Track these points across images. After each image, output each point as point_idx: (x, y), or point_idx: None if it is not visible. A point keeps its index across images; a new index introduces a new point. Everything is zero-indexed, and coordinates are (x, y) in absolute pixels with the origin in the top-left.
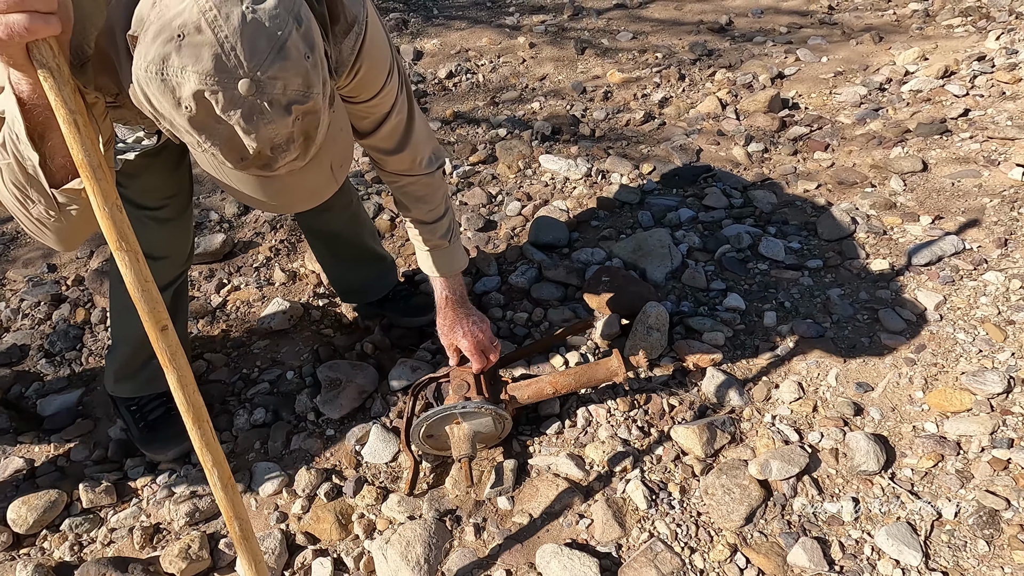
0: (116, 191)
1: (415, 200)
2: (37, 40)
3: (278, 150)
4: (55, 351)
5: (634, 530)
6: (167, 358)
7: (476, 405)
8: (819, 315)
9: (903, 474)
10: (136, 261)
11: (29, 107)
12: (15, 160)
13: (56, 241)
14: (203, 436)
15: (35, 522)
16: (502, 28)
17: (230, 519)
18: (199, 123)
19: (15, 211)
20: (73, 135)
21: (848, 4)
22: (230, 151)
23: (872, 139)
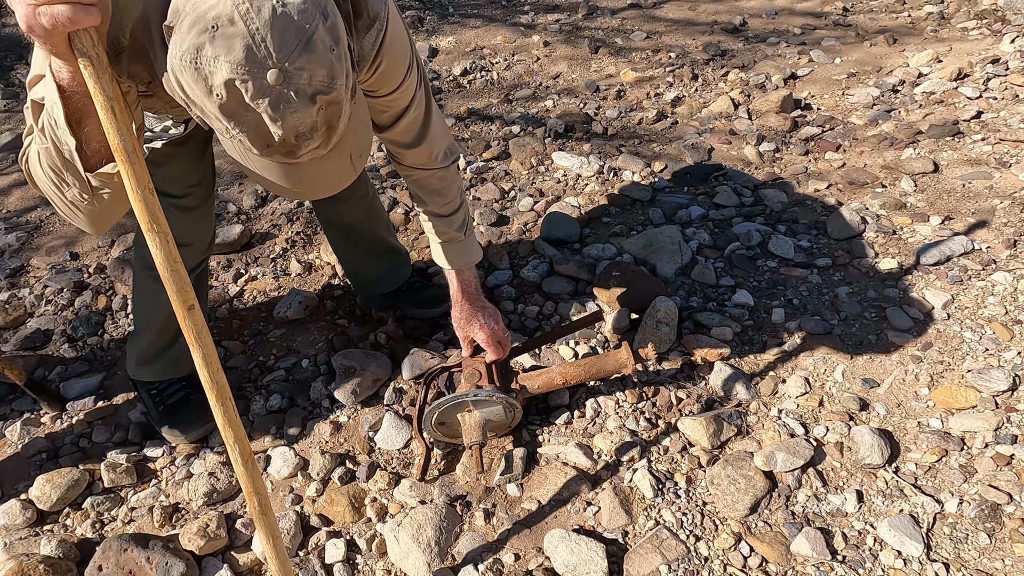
0: (148, 175)
1: (431, 193)
2: (78, 30)
3: (302, 138)
4: (77, 336)
5: (640, 518)
6: (193, 336)
7: (487, 393)
8: (827, 312)
9: (907, 468)
10: (166, 242)
11: (68, 94)
12: (53, 144)
13: (88, 224)
14: (226, 413)
15: (58, 500)
16: (517, 26)
17: (249, 494)
18: (229, 110)
19: (50, 194)
20: (110, 120)
21: (863, 6)
22: (257, 138)
23: (884, 140)
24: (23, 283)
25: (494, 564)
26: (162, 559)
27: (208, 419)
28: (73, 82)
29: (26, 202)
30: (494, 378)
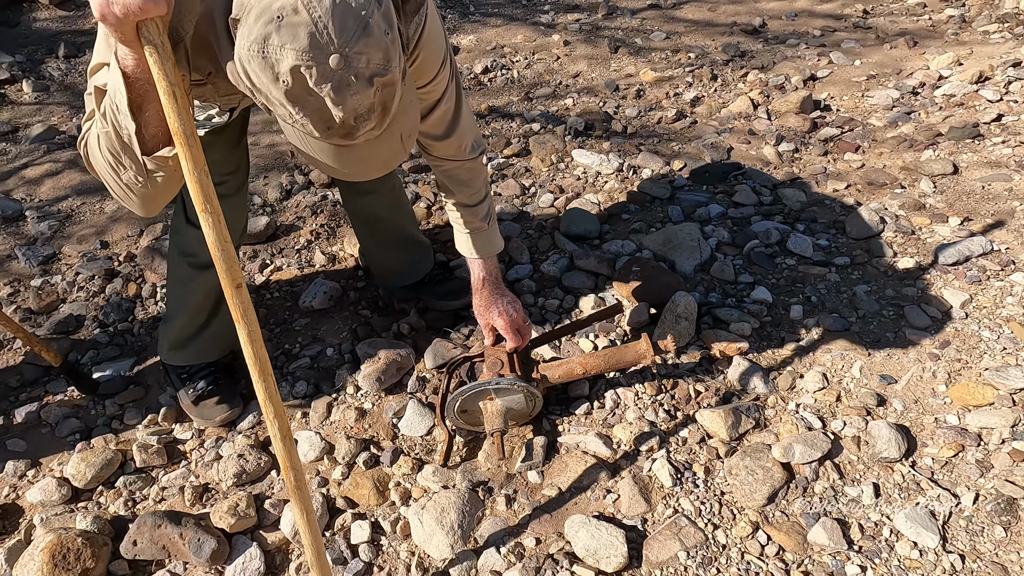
0: (204, 158)
1: (459, 184)
2: (146, 19)
3: (360, 119)
4: (109, 322)
5: (659, 506)
6: (240, 314)
7: (509, 382)
8: (845, 310)
9: (924, 463)
10: (218, 222)
11: (132, 80)
12: (113, 128)
13: (139, 205)
14: (267, 389)
15: (92, 478)
16: (537, 26)
17: (286, 469)
18: (294, 96)
19: (106, 176)
20: (171, 105)
21: (883, 8)
22: (319, 121)
23: (903, 142)
24: (55, 270)
25: (516, 547)
26: (194, 535)
27: (236, 404)
28: (137, 69)
29: (57, 191)
30: (515, 367)
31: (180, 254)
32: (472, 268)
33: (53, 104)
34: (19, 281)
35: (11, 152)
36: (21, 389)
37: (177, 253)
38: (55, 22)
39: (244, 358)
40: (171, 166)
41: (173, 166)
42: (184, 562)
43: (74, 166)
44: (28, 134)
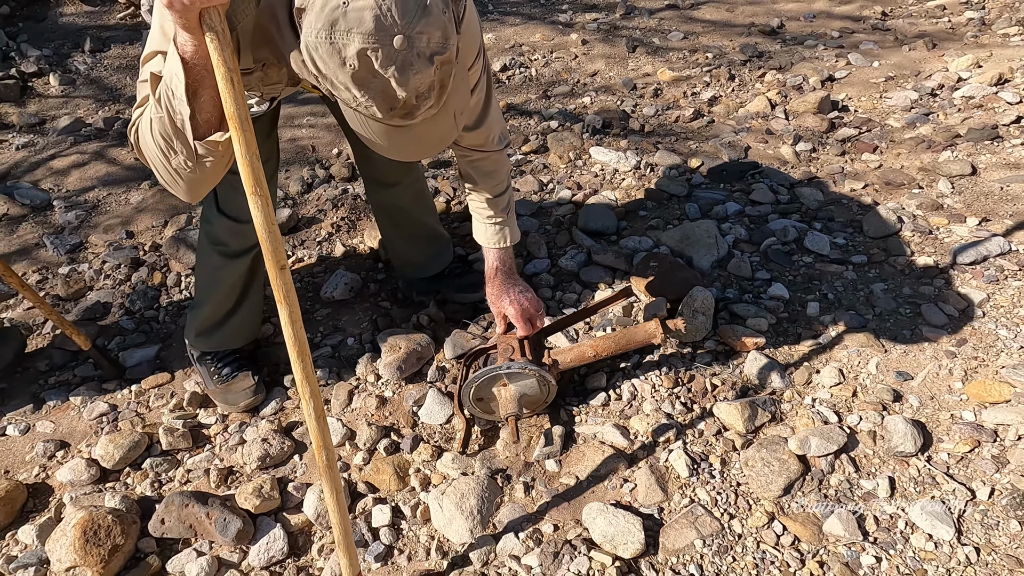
0: (256, 143)
1: (484, 175)
2: (209, 7)
3: (421, 98)
4: (135, 309)
5: (675, 495)
6: (282, 294)
7: (520, 366)
8: (862, 307)
9: (939, 457)
10: (267, 205)
11: (190, 66)
12: (167, 113)
13: (186, 190)
14: (304, 369)
15: (120, 459)
16: (555, 24)
17: (319, 448)
18: (360, 79)
19: (156, 161)
20: (229, 90)
21: (902, 11)
22: (382, 103)
23: (921, 143)
24: (82, 258)
25: (534, 533)
26: (220, 515)
27: (259, 390)
28: (196, 55)
29: (84, 182)
30: (527, 353)
31: (210, 242)
32: (487, 257)
33: (79, 97)
34: (47, 268)
35: (39, 143)
36: (50, 373)
37: (207, 241)
38: (81, 17)
39: (268, 346)
40: (220, 152)
41: (222, 152)
42: (210, 541)
43: (100, 158)
44: (55, 126)
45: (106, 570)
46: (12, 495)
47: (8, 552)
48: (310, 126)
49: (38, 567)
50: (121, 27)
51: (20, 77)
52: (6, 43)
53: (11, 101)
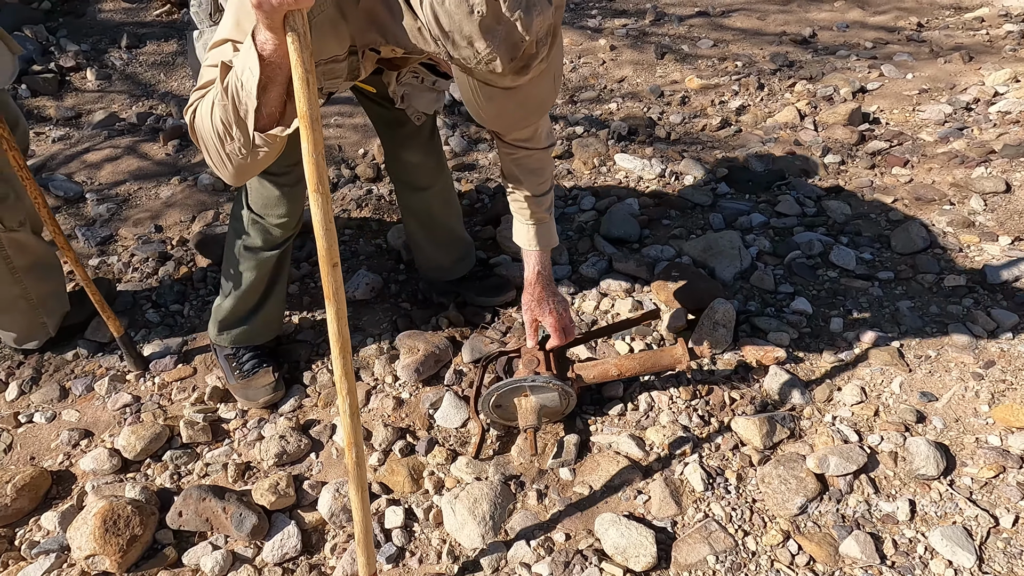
0: (323, 142)
1: (529, 173)
2: (294, 10)
3: (540, 44)
4: (161, 302)
5: (690, 509)
6: (331, 291)
7: (545, 380)
8: (887, 325)
9: (962, 482)
10: (327, 203)
11: (266, 63)
12: (232, 102)
13: (232, 175)
14: (344, 365)
15: (142, 450)
16: (584, 30)
17: (349, 445)
18: (486, 26)
19: (210, 143)
20: (304, 90)
21: (938, 22)
22: (506, 50)
23: (954, 158)
24: (112, 251)
25: (545, 541)
26: (236, 510)
27: (279, 387)
28: (275, 54)
29: (116, 176)
30: (551, 366)
31: (237, 239)
32: (528, 261)
33: (114, 92)
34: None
35: (74, 137)
36: (76, 363)
37: (234, 238)
38: (119, 13)
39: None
40: (275, 144)
41: (277, 145)
42: (226, 535)
43: (132, 152)
44: (90, 120)
45: (124, 560)
46: (37, 481)
47: (31, 537)
48: (337, 126)
49: (59, 553)
50: (157, 24)
51: (58, 71)
52: (46, 38)
53: (49, 95)
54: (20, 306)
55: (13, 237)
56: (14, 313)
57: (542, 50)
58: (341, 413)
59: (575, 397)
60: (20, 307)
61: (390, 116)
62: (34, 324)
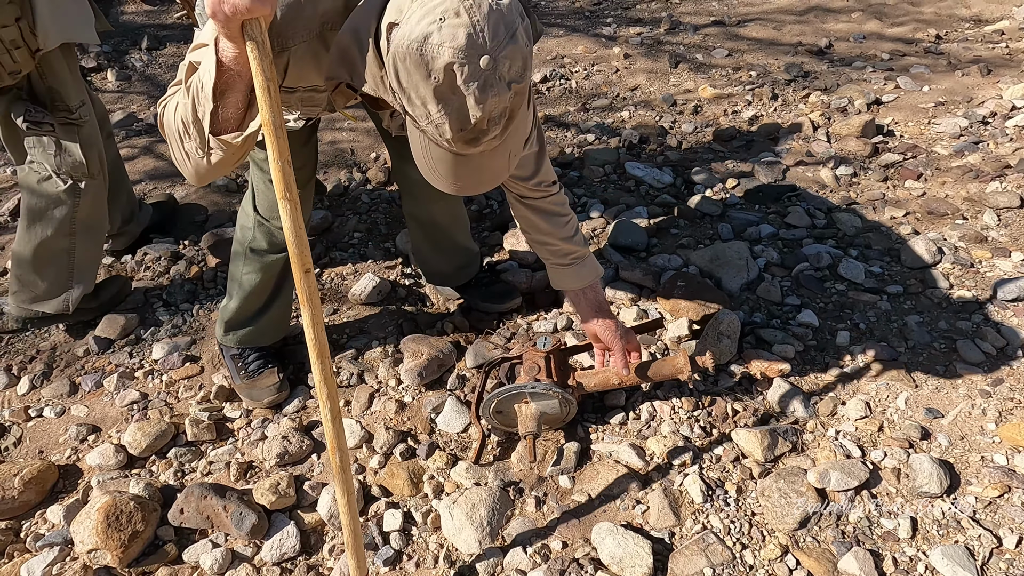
0: (288, 149)
1: (550, 216)
2: (251, 18)
3: (492, 123)
4: (171, 301)
5: (688, 521)
6: (306, 297)
7: (545, 387)
8: (894, 339)
9: (966, 500)
10: (295, 210)
11: (224, 69)
12: (192, 102)
13: (192, 174)
14: (323, 370)
15: (147, 447)
16: (598, 37)
17: (333, 450)
18: (440, 93)
19: (172, 139)
20: (265, 98)
21: (957, 35)
22: (455, 121)
23: (968, 172)
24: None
25: (542, 548)
26: (237, 509)
27: (283, 387)
28: (234, 61)
29: (132, 175)
30: (552, 372)
31: (245, 241)
32: (579, 299)
33: (134, 93)
34: None
35: None
36: (87, 358)
37: (242, 240)
38: (141, 16)
39: (294, 345)
40: (229, 150)
41: (232, 150)
42: (226, 533)
43: (149, 152)
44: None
45: (125, 555)
46: (44, 475)
47: (37, 530)
48: (350, 130)
49: (62, 547)
50: (178, 26)
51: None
52: None
53: None
54: (61, 261)
55: (91, 184)
56: (51, 267)
57: (493, 128)
58: (323, 418)
59: (575, 405)
60: (60, 262)
61: None
62: (62, 286)
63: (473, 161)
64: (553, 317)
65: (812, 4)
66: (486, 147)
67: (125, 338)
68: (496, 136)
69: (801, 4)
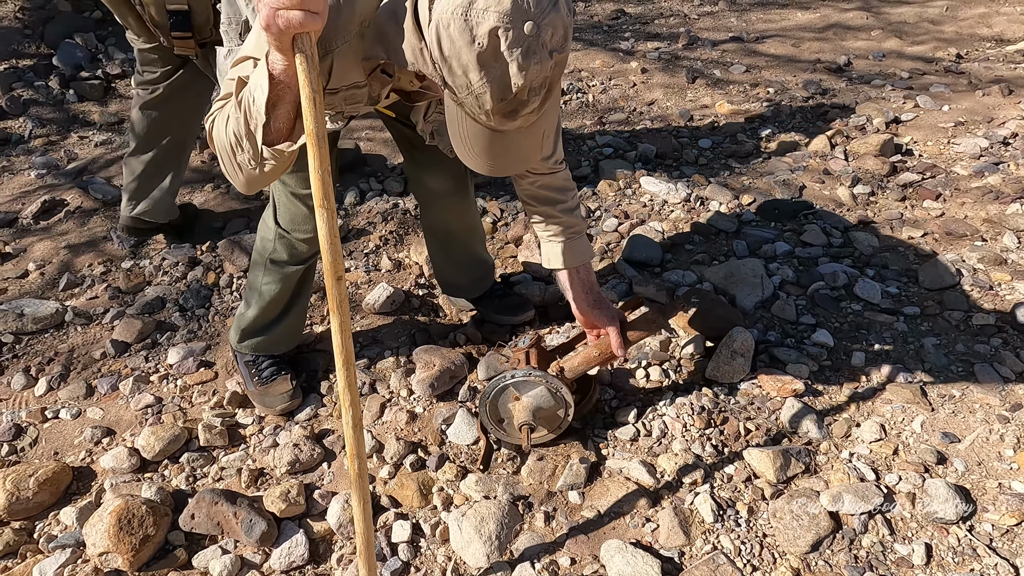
0: (329, 159)
1: (559, 191)
2: (303, 32)
3: (532, 93)
4: (188, 307)
5: (698, 540)
6: (335, 304)
7: (524, 373)
8: (911, 362)
9: (982, 528)
10: (332, 218)
11: (275, 82)
12: (244, 116)
13: (244, 183)
14: (347, 377)
15: (160, 451)
16: (616, 52)
17: (352, 456)
18: (483, 59)
19: (223, 152)
20: (311, 109)
21: (978, 54)
22: (496, 90)
23: (988, 193)
24: (144, 254)
25: (550, 564)
26: (247, 516)
27: (296, 395)
28: (284, 74)
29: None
30: (531, 361)
31: (264, 251)
32: (571, 281)
33: None
34: (111, 261)
35: (115, 142)
36: (103, 361)
37: (261, 250)
38: None
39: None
40: (282, 159)
41: (284, 159)
42: (235, 540)
43: None
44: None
45: (136, 559)
46: (58, 476)
47: (49, 531)
48: (368, 140)
49: (74, 548)
50: None
51: (105, 78)
52: (96, 45)
53: (95, 100)
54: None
55: None
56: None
57: (533, 99)
58: (344, 424)
59: (569, 398)
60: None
61: (413, 136)
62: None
63: (508, 139)
64: (566, 330)
65: (831, 21)
66: (523, 122)
67: (141, 342)
68: (534, 110)
69: (820, 21)
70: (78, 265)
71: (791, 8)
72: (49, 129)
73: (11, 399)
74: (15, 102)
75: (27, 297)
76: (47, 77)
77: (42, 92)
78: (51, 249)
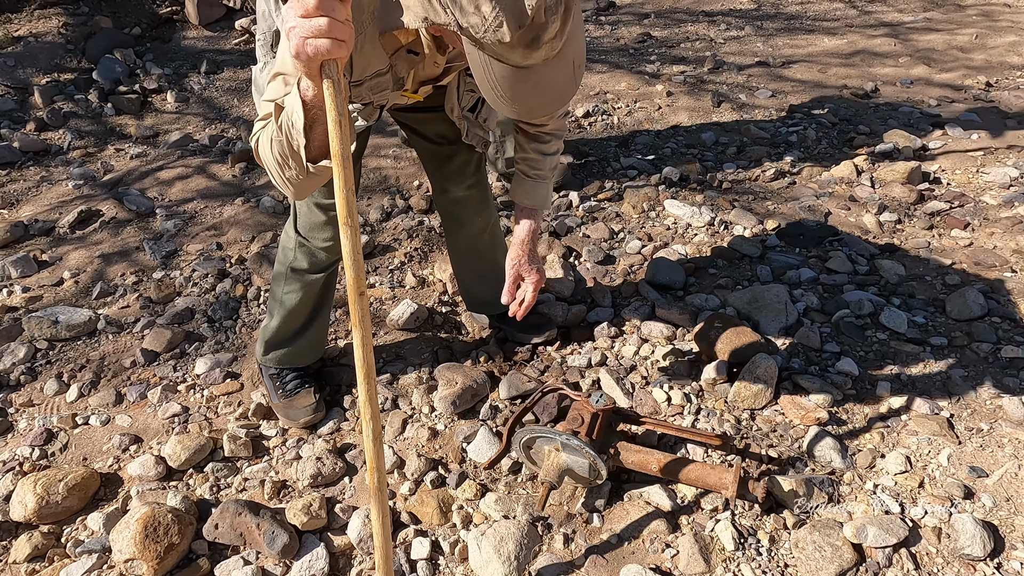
0: (353, 178)
1: (553, 133)
2: (330, 59)
3: (549, 13)
4: (216, 318)
5: (718, 568)
6: (358, 318)
7: (580, 444)
8: (937, 393)
9: (1011, 566)
10: (355, 235)
11: (308, 106)
12: (286, 138)
13: (294, 193)
14: (368, 391)
15: (185, 460)
16: (642, 75)
17: (372, 469)
18: None
19: (272, 169)
20: (336, 132)
21: (1008, 82)
22: (512, 17)
23: (1018, 223)
24: (175, 265)
25: None
26: (270, 527)
27: (319, 408)
28: (315, 99)
29: (185, 194)
30: (595, 432)
31: (286, 262)
32: (522, 221)
33: (191, 114)
34: (143, 271)
35: (150, 155)
36: (133, 370)
37: (283, 260)
38: (201, 41)
39: (332, 367)
40: (327, 171)
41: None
42: (257, 551)
43: (202, 172)
44: (166, 139)
45: (160, 566)
46: (87, 482)
47: (77, 536)
48: (395, 157)
49: (100, 554)
50: (235, 52)
51: (142, 93)
52: (134, 61)
53: (132, 114)
54: None
55: None
56: None
57: (552, 21)
58: (364, 438)
59: (605, 472)
60: None
61: (438, 152)
62: None
63: (538, 75)
64: (588, 352)
65: (858, 47)
66: (548, 51)
67: (170, 352)
68: (556, 34)
69: (847, 47)
70: (111, 274)
71: (818, 34)
72: (87, 141)
73: (43, 404)
74: (56, 114)
75: (61, 304)
76: (87, 91)
77: (81, 105)
78: (86, 258)
